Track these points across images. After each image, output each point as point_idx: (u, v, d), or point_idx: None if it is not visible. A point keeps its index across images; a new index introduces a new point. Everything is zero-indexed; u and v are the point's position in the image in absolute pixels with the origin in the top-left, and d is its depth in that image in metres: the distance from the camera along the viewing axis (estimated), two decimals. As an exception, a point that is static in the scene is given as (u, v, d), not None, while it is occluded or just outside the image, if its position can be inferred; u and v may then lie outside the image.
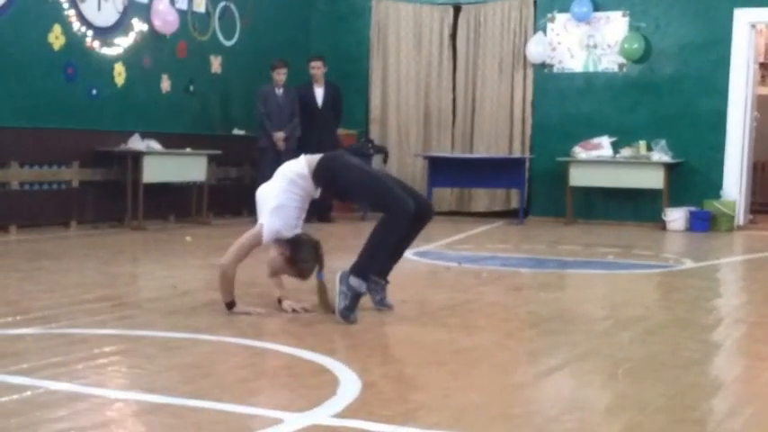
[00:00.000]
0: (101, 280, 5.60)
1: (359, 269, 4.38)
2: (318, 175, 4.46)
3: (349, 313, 4.33)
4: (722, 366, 3.82)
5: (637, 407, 3.03)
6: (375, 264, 4.47)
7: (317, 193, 4.59)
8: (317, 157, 4.54)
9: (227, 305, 4.49)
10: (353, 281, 4.35)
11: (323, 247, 4.56)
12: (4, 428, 2.65)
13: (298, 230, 4.54)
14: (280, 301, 4.62)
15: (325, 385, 3.19)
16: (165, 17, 9.31)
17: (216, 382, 3.28)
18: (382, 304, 4.66)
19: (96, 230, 8.53)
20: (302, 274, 4.51)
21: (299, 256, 4.44)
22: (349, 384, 3.20)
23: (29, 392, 3.02)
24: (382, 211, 4.44)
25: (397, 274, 6.02)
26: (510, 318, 4.69)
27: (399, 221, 4.35)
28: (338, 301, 4.33)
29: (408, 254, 7.01)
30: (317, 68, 10.12)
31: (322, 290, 4.52)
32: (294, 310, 4.55)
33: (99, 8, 8.78)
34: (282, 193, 4.47)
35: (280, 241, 4.47)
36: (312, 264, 4.48)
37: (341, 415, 2.85)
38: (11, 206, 8.02)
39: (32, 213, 8.23)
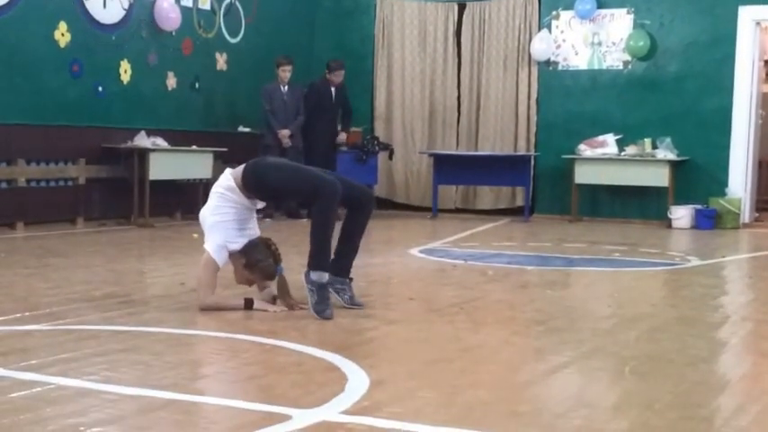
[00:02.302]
0: (108, 277, 5.60)
1: (313, 263, 4.42)
2: (246, 183, 4.49)
3: (322, 308, 4.35)
4: (729, 364, 3.79)
5: (644, 404, 3.02)
6: (325, 252, 4.46)
7: (257, 205, 4.62)
8: (240, 167, 4.57)
9: (245, 307, 4.53)
10: (313, 275, 4.40)
11: (275, 243, 4.61)
12: (14, 424, 2.65)
13: (247, 240, 4.58)
14: (274, 299, 4.64)
15: (333, 382, 3.18)
16: (168, 14, 9.30)
17: (224, 379, 3.27)
18: (352, 303, 4.63)
19: (103, 227, 8.55)
20: (266, 274, 4.56)
21: (254, 257, 4.51)
22: (357, 381, 3.19)
23: (38, 388, 3.02)
24: (313, 201, 4.44)
25: (404, 270, 6.09)
26: (516, 315, 4.68)
27: (330, 203, 4.37)
28: (309, 300, 4.39)
29: (414, 251, 7.10)
30: (341, 76, 10.17)
31: (282, 282, 4.58)
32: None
33: (104, 5, 8.78)
34: (215, 210, 4.52)
35: (233, 254, 4.53)
36: (269, 261, 4.53)
37: (349, 412, 2.85)
38: (18, 203, 8.03)
39: (39, 210, 8.23)
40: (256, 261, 4.51)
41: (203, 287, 4.52)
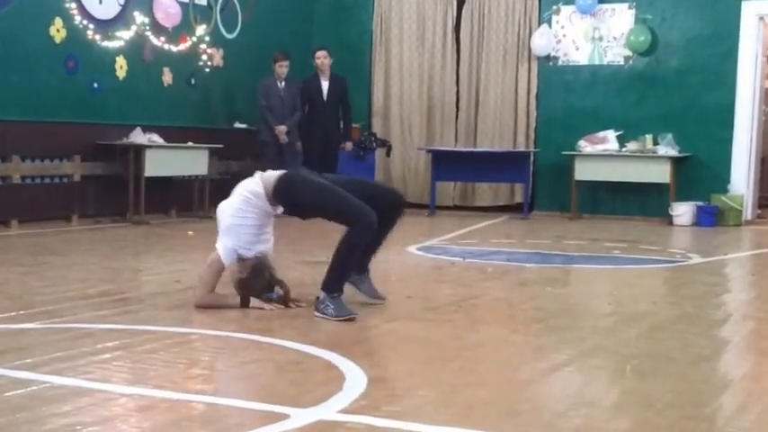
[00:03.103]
0: (104, 275, 5.58)
1: (329, 287, 4.33)
2: (277, 193, 4.41)
3: (344, 312, 4.29)
4: (731, 363, 3.78)
5: (644, 403, 3.00)
6: (343, 279, 4.41)
7: (278, 210, 4.52)
8: (273, 175, 4.47)
9: (241, 305, 4.48)
10: (321, 296, 4.33)
11: (273, 268, 4.57)
12: (9, 423, 2.64)
13: (262, 246, 4.52)
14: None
15: (331, 381, 3.17)
16: (168, 9, 9.25)
17: (221, 378, 3.26)
18: (373, 296, 4.62)
19: (98, 225, 8.51)
20: (244, 293, 4.51)
21: (253, 284, 4.48)
22: (355, 380, 3.18)
23: (34, 387, 3.02)
24: (346, 225, 4.36)
25: (402, 268, 6.08)
26: (516, 313, 4.66)
27: (364, 235, 4.32)
28: (326, 312, 4.29)
29: (412, 249, 7.08)
30: (323, 58, 10.00)
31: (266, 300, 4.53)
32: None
33: (100, 1, 8.73)
34: (236, 213, 4.45)
35: (242, 263, 4.48)
36: (259, 293, 4.49)
37: (347, 411, 2.84)
38: (12, 200, 7.99)
39: (34, 207, 8.19)
40: (252, 288, 4.49)
41: (202, 284, 4.49)
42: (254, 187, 4.45)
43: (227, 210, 4.49)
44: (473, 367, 3.50)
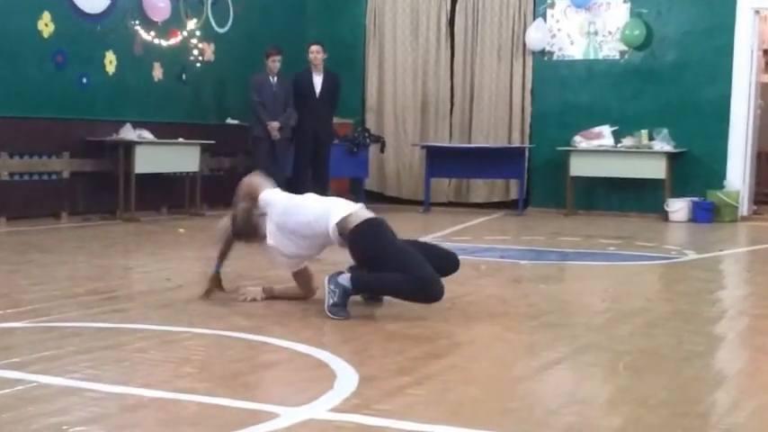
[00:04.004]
0: (93, 273, 5.55)
1: (358, 281, 4.29)
2: (353, 235, 4.32)
3: (338, 310, 4.24)
4: (725, 359, 3.78)
5: (638, 400, 3.00)
6: (370, 291, 4.43)
7: (337, 243, 4.44)
8: (357, 216, 4.37)
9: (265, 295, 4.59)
10: (343, 279, 4.26)
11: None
12: None
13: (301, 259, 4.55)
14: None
15: (322, 379, 3.16)
16: (157, 3, 9.18)
17: (210, 377, 3.22)
18: (372, 299, 4.58)
19: (88, 222, 8.46)
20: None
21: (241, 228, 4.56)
22: (346, 378, 3.17)
23: (20, 387, 3.00)
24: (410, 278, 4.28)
25: None
26: (509, 310, 4.64)
27: (418, 294, 4.29)
28: (327, 299, 4.25)
29: None
30: (316, 53, 9.90)
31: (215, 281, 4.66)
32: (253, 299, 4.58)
33: (89, -6, 8.67)
34: (305, 227, 4.41)
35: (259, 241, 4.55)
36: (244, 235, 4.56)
37: (338, 409, 2.83)
38: (0, 197, 7.92)
39: (22, 205, 8.14)
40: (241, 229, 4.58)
41: (221, 230, 4.60)
42: (327, 221, 4.35)
43: (300, 213, 4.44)
44: (466, 365, 3.49)
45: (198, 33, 9.89)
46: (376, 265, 4.34)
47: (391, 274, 4.28)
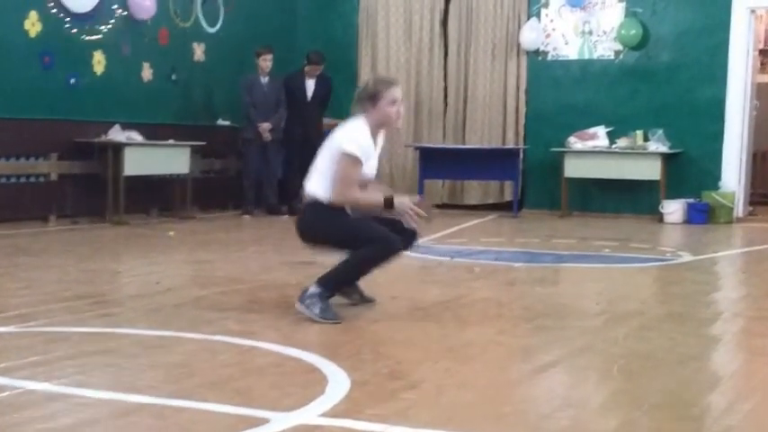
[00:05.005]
0: (81, 276, 5.50)
1: (326, 284, 4.25)
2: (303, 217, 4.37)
3: (329, 314, 4.21)
4: (720, 362, 3.78)
5: (632, 404, 3.00)
6: (343, 285, 4.38)
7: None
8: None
9: (386, 205, 4.28)
10: (311, 289, 4.22)
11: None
12: None
13: None
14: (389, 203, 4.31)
15: (313, 384, 3.14)
16: (142, 2, 9.08)
17: (200, 382, 3.20)
18: (364, 301, 4.59)
19: (76, 225, 8.40)
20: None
21: None
22: (338, 383, 3.16)
23: (6, 393, 2.98)
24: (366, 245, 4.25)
25: (388, 268, 5.92)
26: (503, 313, 4.63)
27: (385, 254, 4.26)
28: (311, 311, 4.19)
29: None
30: (315, 71, 9.91)
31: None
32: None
33: (77, -7, 8.60)
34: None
35: None
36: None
37: (329, 414, 2.82)
38: (-14, 200, 7.87)
39: (9, 208, 8.05)
40: None
41: (347, 182, 4.24)
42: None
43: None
44: (459, 369, 3.47)
45: (188, 33, 9.79)
46: (333, 243, 4.35)
47: (351, 256, 4.25)
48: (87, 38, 8.67)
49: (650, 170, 9.85)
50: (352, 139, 4.28)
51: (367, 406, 2.90)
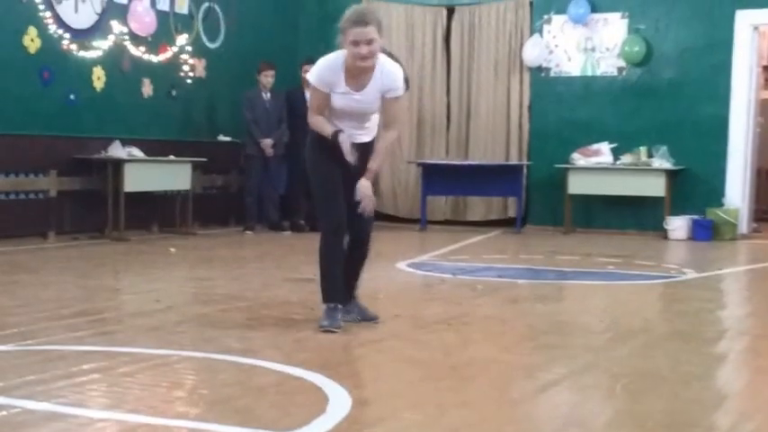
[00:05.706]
0: (80, 294, 5.48)
1: (322, 296, 4.42)
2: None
3: (328, 322, 4.32)
4: (725, 380, 3.73)
5: (636, 423, 2.98)
6: (329, 283, 4.40)
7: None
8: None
9: (332, 137, 4.35)
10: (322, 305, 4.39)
11: None
12: None
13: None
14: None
15: (314, 403, 3.12)
16: (143, 18, 9.08)
17: (201, 401, 3.18)
18: (365, 319, 4.57)
19: (75, 242, 8.35)
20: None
21: None
22: (339, 402, 3.13)
23: (4, 412, 2.95)
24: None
25: (390, 285, 6.02)
26: (506, 331, 4.60)
27: (325, 241, 4.37)
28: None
29: (402, 265, 7.05)
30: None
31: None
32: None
33: (76, 10, 8.57)
34: None
35: None
36: None
37: None
38: (-15, 217, 7.83)
39: (8, 224, 8.00)
40: None
41: (310, 106, 4.46)
42: None
43: None
44: (461, 387, 3.45)
45: (188, 49, 9.78)
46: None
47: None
48: (87, 54, 8.65)
49: (654, 187, 9.81)
50: (314, 67, 4.38)
51: (368, 425, 2.87)
